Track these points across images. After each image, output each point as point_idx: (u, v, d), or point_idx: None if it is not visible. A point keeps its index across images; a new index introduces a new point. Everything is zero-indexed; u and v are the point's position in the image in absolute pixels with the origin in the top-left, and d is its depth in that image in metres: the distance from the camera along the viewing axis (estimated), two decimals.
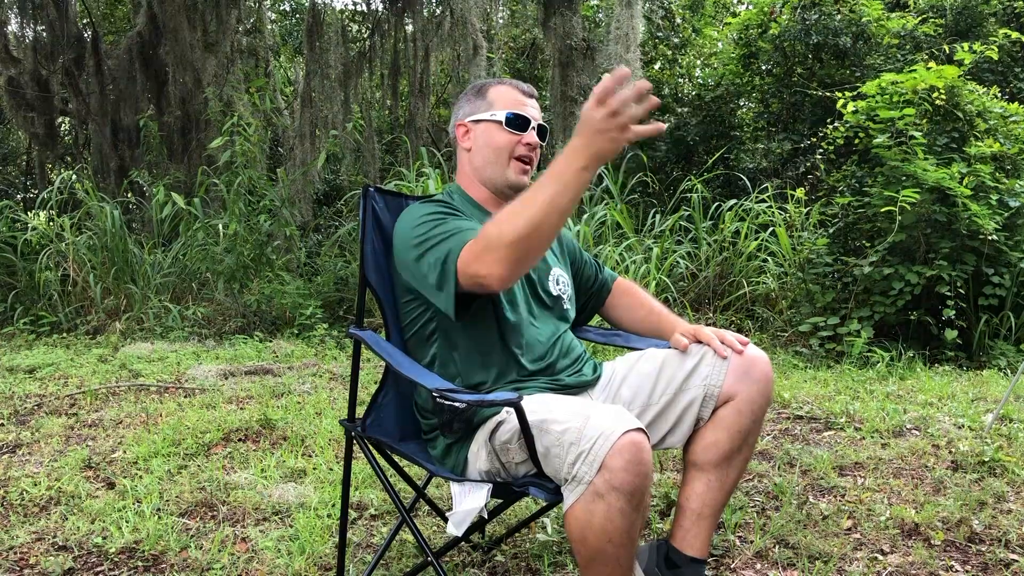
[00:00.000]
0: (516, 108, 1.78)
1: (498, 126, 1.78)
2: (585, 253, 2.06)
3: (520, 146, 1.78)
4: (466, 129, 1.83)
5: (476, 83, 1.88)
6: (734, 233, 6.19)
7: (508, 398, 1.39)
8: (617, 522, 1.34)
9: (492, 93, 1.81)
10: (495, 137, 1.78)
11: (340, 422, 1.88)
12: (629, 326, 1.99)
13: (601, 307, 2.04)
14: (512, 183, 1.79)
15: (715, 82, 9.19)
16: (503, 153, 1.78)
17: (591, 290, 2.02)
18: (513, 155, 1.78)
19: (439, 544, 2.14)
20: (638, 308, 1.98)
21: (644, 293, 2.02)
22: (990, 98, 5.34)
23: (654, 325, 1.90)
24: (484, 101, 1.81)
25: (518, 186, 1.79)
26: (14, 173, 11.45)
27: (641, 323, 1.95)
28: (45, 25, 8.24)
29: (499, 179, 1.79)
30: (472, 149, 1.82)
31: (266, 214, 6.22)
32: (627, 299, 2.01)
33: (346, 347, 5.20)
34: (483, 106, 1.81)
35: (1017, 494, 2.49)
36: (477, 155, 1.81)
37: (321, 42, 7.77)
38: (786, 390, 3.81)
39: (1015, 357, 4.74)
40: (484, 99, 1.81)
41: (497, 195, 1.82)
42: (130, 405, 3.64)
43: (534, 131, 1.79)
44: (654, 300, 2.00)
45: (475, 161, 1.81)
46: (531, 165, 1.81)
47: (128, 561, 2.09)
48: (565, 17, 7.60)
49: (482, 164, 1.80)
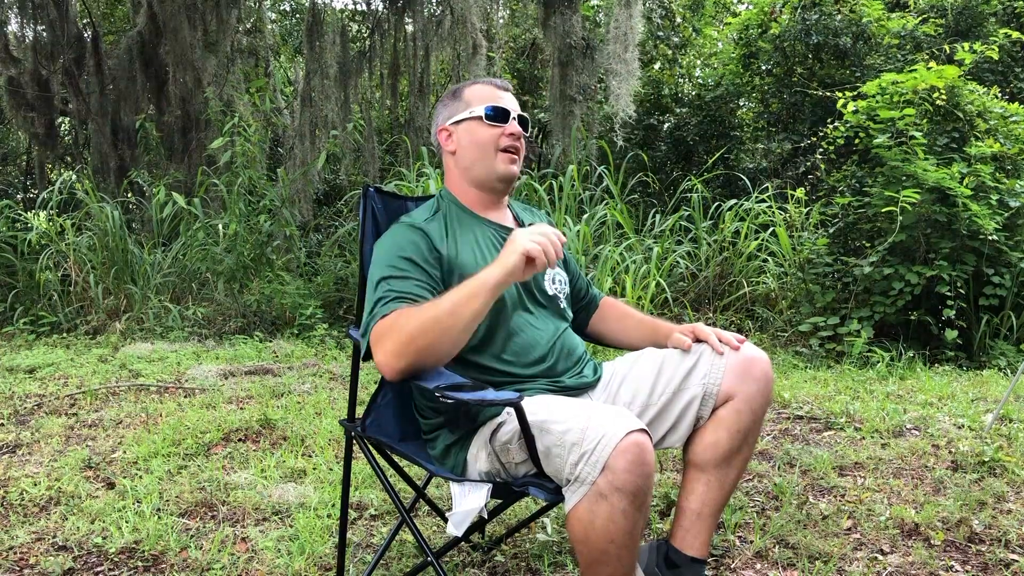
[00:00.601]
0: (493, 102, 1.79)
1: (479, 122, 1.78)
2: (578, 268, 2.06)
3: (504, 137, 1.78)
4: (448, 133, 1.83)
5: (450, 88, 1.89)
6: (734, 233, 6.19)
7: (508, 398, 1.39)
8: (620, 522, 1.34)
9: (467, 93, 1.82)
10: (478, 133, 1.78)
11: (340, 422, 1.88)
12: (622, 336, 1.98)
13: (588, 323, 2.03)
14: (502, 174, 1.79)
15: (715, 82, 9.19)
16: (488, 147, 1.78)
17: (580, 302, 2.03)
18: (499, 147, 1.78)
19: (439, 544, 2.14)
20: (627, 318, 1.98)
21: (631, 307, 2.03)
22: (990, 98, 5.34)
23: (648, 331, 1.89)
24: (461, 102, 1.82)
25: (508, 177, 1.79)
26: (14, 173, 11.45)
27: (634, 331, 1.94)
28: (45, 25, 8.24)
29: (489, 173, 1.79)
30: (457, 151, 1.82)
31: (266, 214, 6.22)
32: (616, 311, 2.02)
33: (346, 347, 5.20)
34: (461, 107, 1.81)
35: (1017, 494, 2.49)
36: (463, 155, 1.81)
37: (321, 42, 7.76)
38: (786, 390, 3.81)
39: (1015, 357, 4.74)
40: (460, 100, 1.82)
41: (488, 192, 1.82)
42: (130, 405, 3.64)
43: (515, 121, 1.79)
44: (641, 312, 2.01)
45: (462, 162, 1.81)
46: (518, 155, 1.81)
47: (128, 561, 2.09)
48: (565, 16, 7.60)
49: (470, 163, 1.80)
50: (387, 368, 1.50)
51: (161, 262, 6.13)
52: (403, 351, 1.48)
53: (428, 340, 1.47)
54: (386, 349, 1.50)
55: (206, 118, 7.36)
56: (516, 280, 1.50)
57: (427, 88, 8.28)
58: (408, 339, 1.47)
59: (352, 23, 10.46)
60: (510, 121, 1.79)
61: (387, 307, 1.56)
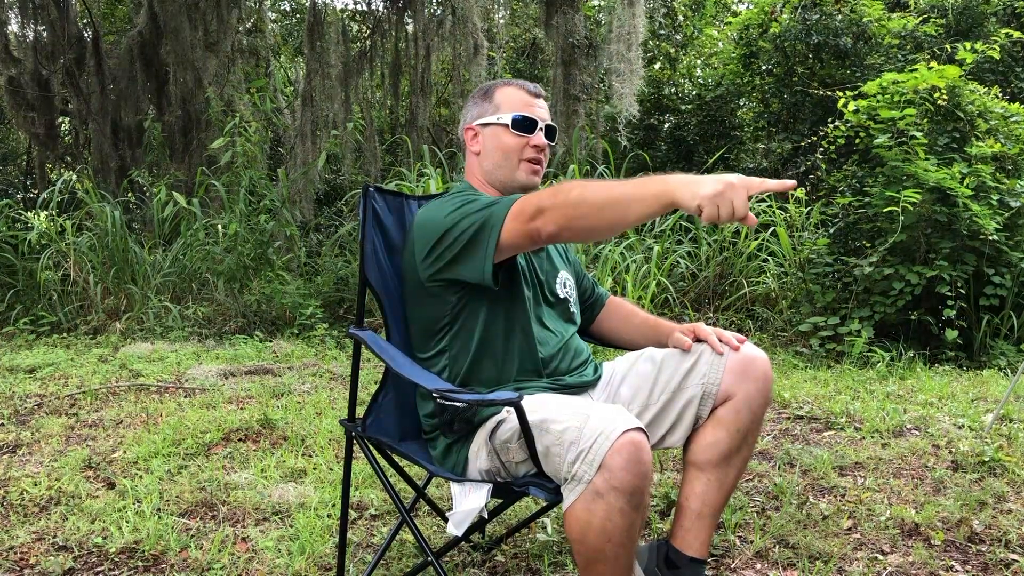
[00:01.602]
0: (523, 110, 1.79)
1: (505, 129, 1.78)
2: (584, 269, 2.07)
3: (528, 148, 1.78)
4: (474, 133, 1.83)
5: (484, 85, 1.88)
6: (734, 233, 6.19)
7: (508, 397, 1.39)
8: (617, 521, 1.34)
9: (499, 95, 1.81)
10: (503, 140, 1.78)
11: (340, 422, 1.88)
12: (626, 335, 1.99)
13: (593, 322, 2.04)
14: (523, 184, 1.80)
15: (715, 82, 9.19)
16: (512, 156, 1.78)
17: (587, 302, 2.03)
18: (522, 157, 1.78)
19: (439, 544, 2.14)
20: (632, 316, 1.99)
21: (636, 306, 2.04)
22: (991, 98, 5.34)
23: (651, 330, 1.90)
24: (491, 104, 1.81)
25: (529, 187, 1.80)
26: (14, 173, 11.45)
27: (637, 330, 1.95)
28: (45, 25, 8.24)
29: (510, 181, 1.80)
30: (481, 153, 1.82)
31: (266, 214, 6.22)
32: (622, 310, 2.02)
33: (346, 347, 5.20)
34: (490, 109, 1.81)
35: (1017, 494, 2.49)
36: (486, 158, 1.81)
37: (322, 41, 7.76)
38: (786, 390, 3.81)
39: (1015, 357, 4.74)
40: (491, 102, 1.82)
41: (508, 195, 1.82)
42: (130, 405, 3.64)
43: (541, 132, 1.79)
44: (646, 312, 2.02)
45: (485, 164, 1.82)
46: (541, 166, 1.81)
47: (128, 561, 2.09)
48: (567, 16, 7.60)
49: (492, 167, 1.81)
50: (550, 223, 1.47)
51: (161, 262, 6.13)
52: (561, 218, 1.45)
53: (588, 222, 1.44)
54: (546, 211, 1.46)
55: (207, 118, 7.36)
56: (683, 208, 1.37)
57: (428, 88, 8.28)
58: (573, 209, 1.44)
59: (353, 23, 10.45)
60: (536, 132, 1.78)
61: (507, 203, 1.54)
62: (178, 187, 6.94)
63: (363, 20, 10.34)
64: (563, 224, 1.46)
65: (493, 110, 1.80)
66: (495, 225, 1.55)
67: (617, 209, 1.41)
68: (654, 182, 1.40)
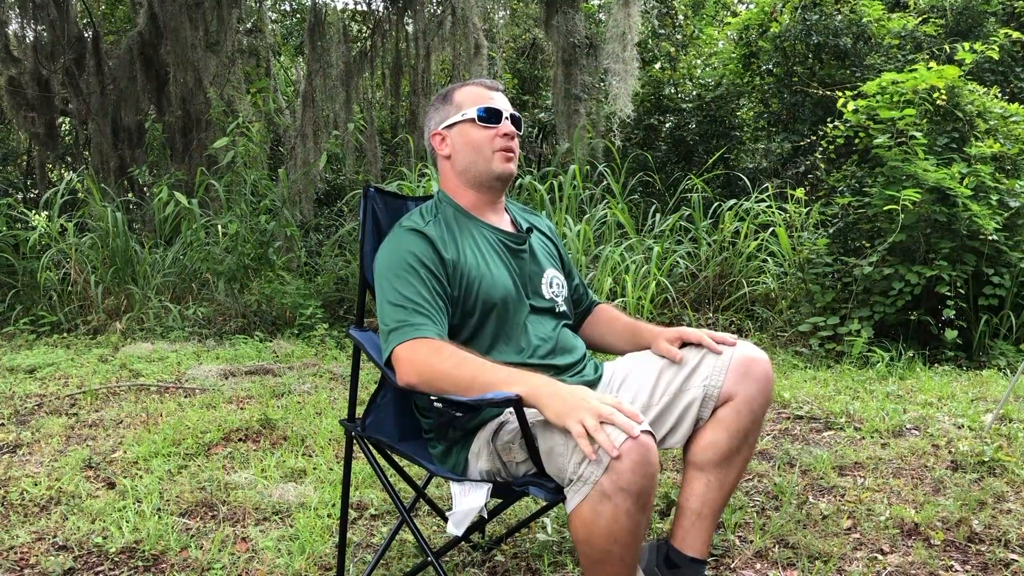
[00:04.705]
0: (484, 103, 1.79)
1: (472, 124, 1.79)
2: (577, 273, 2.06)
3: (498, 139, 1.78)
4: (442, 137, 1.83)
5: (440, 92, 1.90)
6: (734, 233, 6.19)
7: (508, 396, 1.39)
8: (623, 523, 1.34)
9: (458, 96, 1.83)
10: (472, 136, 1.79)
11: (340, 422, 1.89)
12: (608, 339, 1.99)
13: (579, 328, 2.03)
14: (500, 174, 1.79)
15: (715, 82, 9.19)
16: (484, 148, 1.78)
17: (577, 308, 2.02)
18: (494, 148, 1.78)
19: (439, 544, 2.14)
20: (615, 322, 1.99)
21: (621, 311, 2.04)
22: (990, 98, 5.34)
23: (631, 335, 1.91)
24: (452, 105, 1.82)
25: (506, 175, 1.80)
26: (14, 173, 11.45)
27: (619, 334, 1.96)
28: (46, 25, 8.24)
29: (487, 174, 1.79)
30: (452, 154, 1.82)
31: (267, 214, 6.22)
32: (606, 315, 2.03)
33: (346, 347, 5.20)
34: (452, 110, 1.82)
35: (1017, 494, 2.49)
36: (459, 158, 1.81)
37: (322, 42, 7.77)
38: (786, 390, 3.81)
39: (1015, 357, 4.74)
40: (452, 103, 1.82)
41: (487, 192, 1.82)
42: (130, 405, 3.64)
43: (508, 120, 1.80)
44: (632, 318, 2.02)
45: (458, 165, 1.82)
46: (514, 153, 1.81)
47: (128, 561, 2.09)
48: (568, 15, 7.61)
49: (465, 165, 1.80)
50: (403, 384, 1.58)
51: (161, 262, 6.14)
52: (423, 382, 1.55)
53: (444, 388, 1.53)
54: (408, 374, 1.57)
55: (207, 118, 7.36)
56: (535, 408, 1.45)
57: (428, 88, 8.28)
58: (431, 376, 1.53)
59: (353, 23, 10.46)
60: (503, 121, 1.79)
61: (415, 329, 1.59)
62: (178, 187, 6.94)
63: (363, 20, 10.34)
64: (419, 383, 1.56)
65: (456, 110, 1.81)
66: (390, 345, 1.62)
67: (466, 392, 1.49)
68: (503, 376, 1.47)
